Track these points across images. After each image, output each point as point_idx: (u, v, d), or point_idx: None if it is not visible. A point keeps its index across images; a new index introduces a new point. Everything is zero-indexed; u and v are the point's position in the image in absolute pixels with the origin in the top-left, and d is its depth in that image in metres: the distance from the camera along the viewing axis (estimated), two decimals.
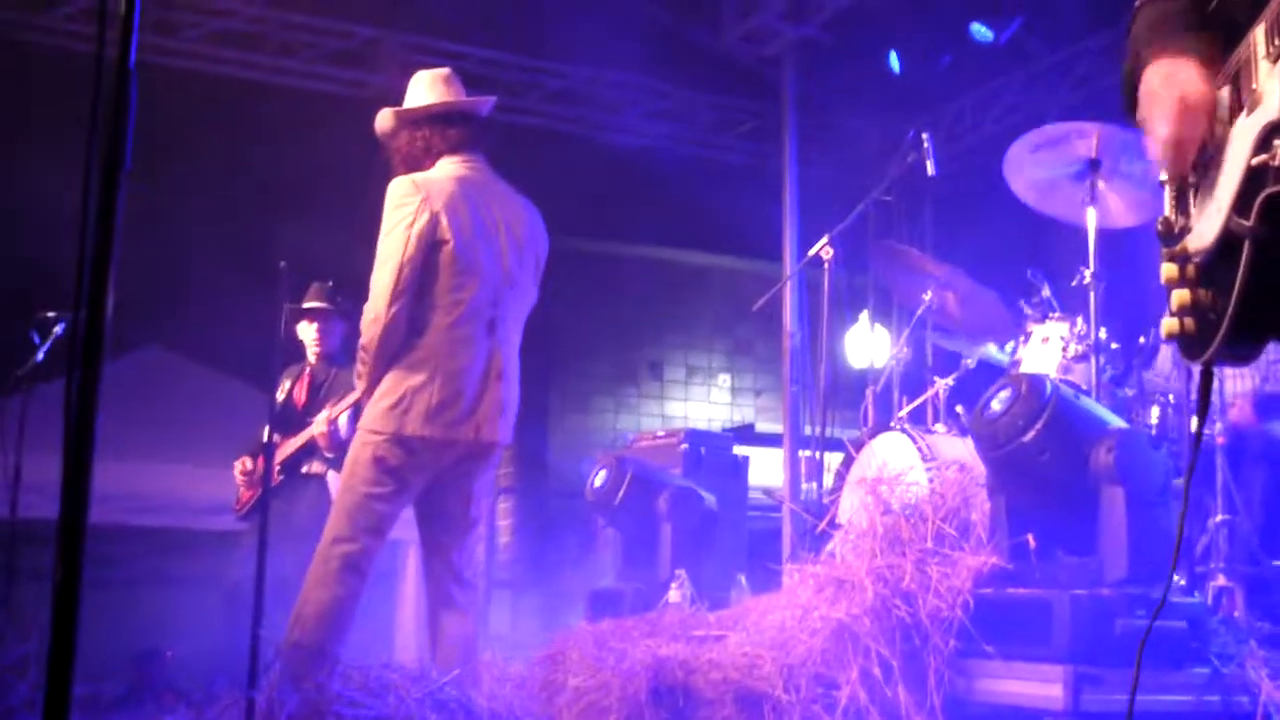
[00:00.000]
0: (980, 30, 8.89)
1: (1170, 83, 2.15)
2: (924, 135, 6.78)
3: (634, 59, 10.53)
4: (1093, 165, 5.85)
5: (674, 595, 6.11)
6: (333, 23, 9.94)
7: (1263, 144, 1.94)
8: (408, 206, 4.77)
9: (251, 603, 4.79)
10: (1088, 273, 5.72)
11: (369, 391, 4.83)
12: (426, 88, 5.10)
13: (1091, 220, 5.82)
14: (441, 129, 5.01)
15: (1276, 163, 1.90)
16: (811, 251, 6.83)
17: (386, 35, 10.05)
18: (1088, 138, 5.82)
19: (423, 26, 10.02)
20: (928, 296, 6.63)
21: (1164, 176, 2.29)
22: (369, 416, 4.82)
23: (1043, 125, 6.11)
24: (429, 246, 4.77)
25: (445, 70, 5.20)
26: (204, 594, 7.25)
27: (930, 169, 6.68)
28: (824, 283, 6.79)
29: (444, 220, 4.78)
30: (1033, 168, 6.06)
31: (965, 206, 10.36)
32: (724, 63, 10.62)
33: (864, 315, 10.33)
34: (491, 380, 4.87)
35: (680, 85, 11.19)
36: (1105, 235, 5.92)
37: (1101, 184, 5.91)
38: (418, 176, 4.88)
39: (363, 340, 4.83)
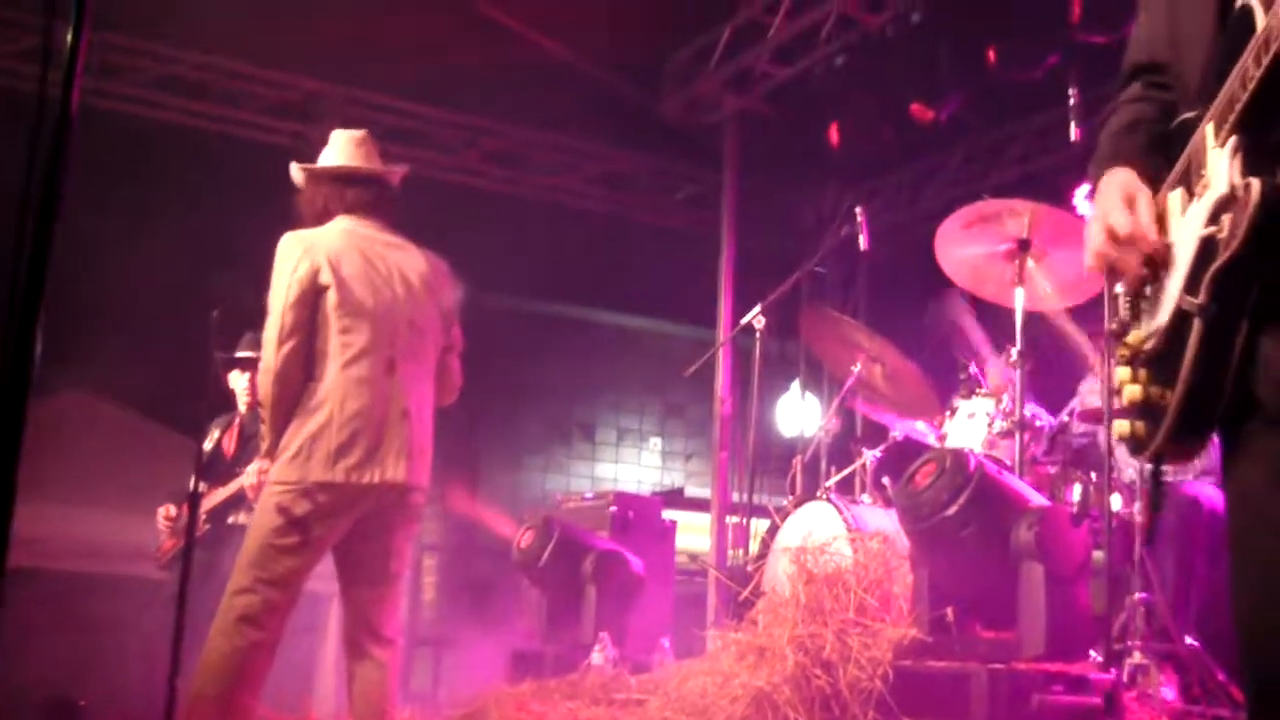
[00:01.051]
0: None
1: (1119, 209, 2.22)
2: (858, 209, 6.87)
3: (575, 122, 10.62)
4: (1023, 245, 5.94)
5: (597, 658, 6.11)
6: (277, 74, 9.96)
7: (1213, 219, 2.00)
8: (289, 259, 4.83)
9: (169, 652, 4.74)
10: (1014, 351, 5.81)
11: (274, 445, 4.81)
12: (337, 148, 5.17)
13: (1019, 300, 5.90)
14: (340, 190, 5.07)
15: (1224, 235, 1.95)
16: (744, 320, 6.89)
17: (330, 89, 10.08)
18: (1019, 216, 5.91)
19: (366, 81, 10.06)
20: (857, 368, 6.70)
21: (1120, 288, 2.36)
22: (274, 468, 4.81)
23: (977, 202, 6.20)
24: (312, 294, 4.81)
25: (360, 133, 5.25)
26: (121, 642, 7.14)
27: (863, 242, 6.77)
28: (755, 351, 6.85)
29: (325, 267, 4.83)
30: (964, 245, 6.14)
31: (898, 281, 10.48)
32: (665, 129, 10.72)
33: (795, 384, 10.42)
34: (394, 421, 4.85)
35: (621, 150, 11.29)
36: (1034, 314, 6.02)
37: (1031, 264, 6.00)
38: (303, 232, 4.95)
39: (260, 395, 4.86)
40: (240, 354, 6.95)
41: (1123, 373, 2.20)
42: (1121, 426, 2.21)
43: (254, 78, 9.94)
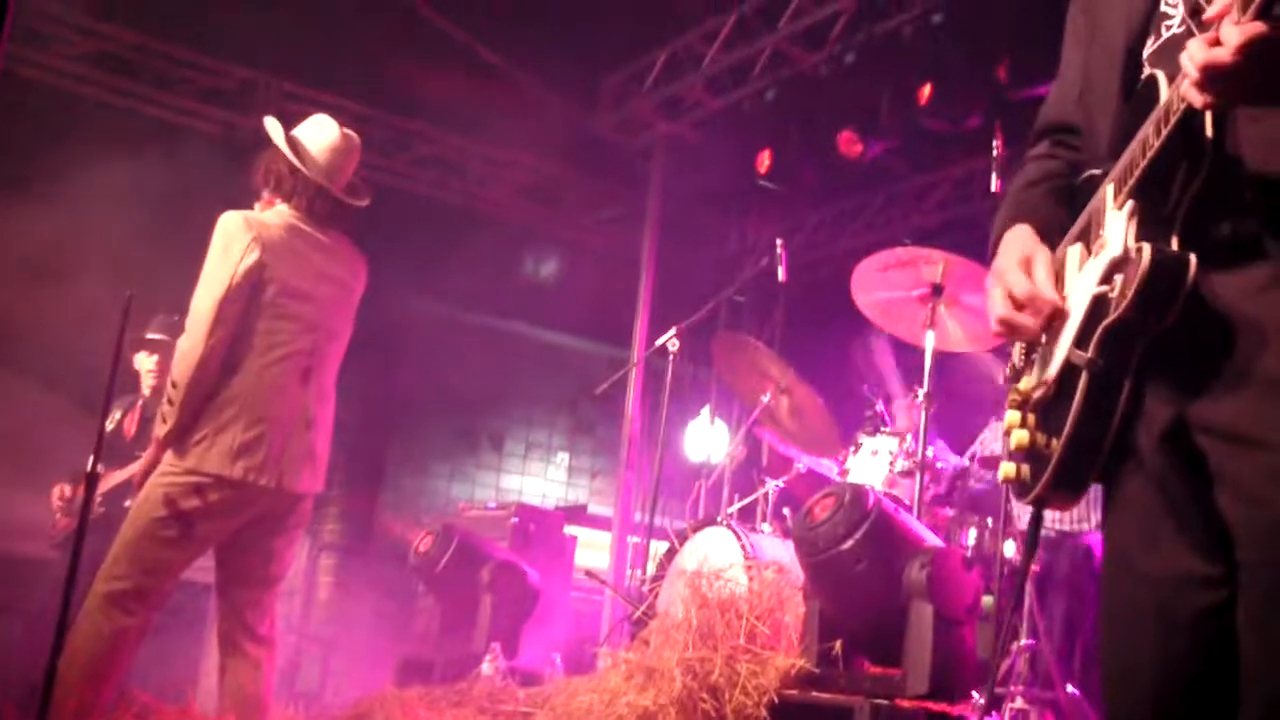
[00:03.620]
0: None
1: (1016, 272, 2.29)
2: (779, 241, 6.94)
3: (505, 133, 10.61)
4: (936, 290, 6.05)
5: (487, 668, 6.09)
6: (210, 60, 9.84)
7: (1106, 278, 2.08)
8: (238, 242, 4.71)
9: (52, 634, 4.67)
10: (921, 392, 5.90)
11: (176, 428, 4.70)
12: (323, 147, 5.02)
13: (929, 343, 6.01)
14: (305, 196, 4.97)
15: (1114, 294, 2.03)
16: (659, 341, 6.93)
17: (264, 79, 9.98)
18: (934, 264, 6.03)
19: (301, 75, 9.97)
20: (766, 398, 6.76)
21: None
22: (168, 454, 4.72)
23: (896, 244, 6.32)
24: (253, 286, 4.71)
25: (354, 141, 5.11)
26: (3, 622, 7.03)
27: (781, 275, 6.84)
28: (668, 374, 6.89)
29: (271, 264, 4.75)
30: (879, 286, 6.25)
31: (814, 315, 10.58)
32: (594, 148, 10.76)
33: (705, 410, 10.47)
34: (299, 429, 4.81)
35: (548, 164, 11.30)
36: (943, 360, 6.12)
37: (943, 309, 6.12)
38: (250, 215, 4.83)
39: (174, 374, 4.69)
40: (150, 335, 6.88)
41: (1012, 417, 2.27)
42: (1007, 469, 2.27)
43: (186, 62, 9.81)
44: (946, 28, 8.18)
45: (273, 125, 5.02)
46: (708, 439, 10.35)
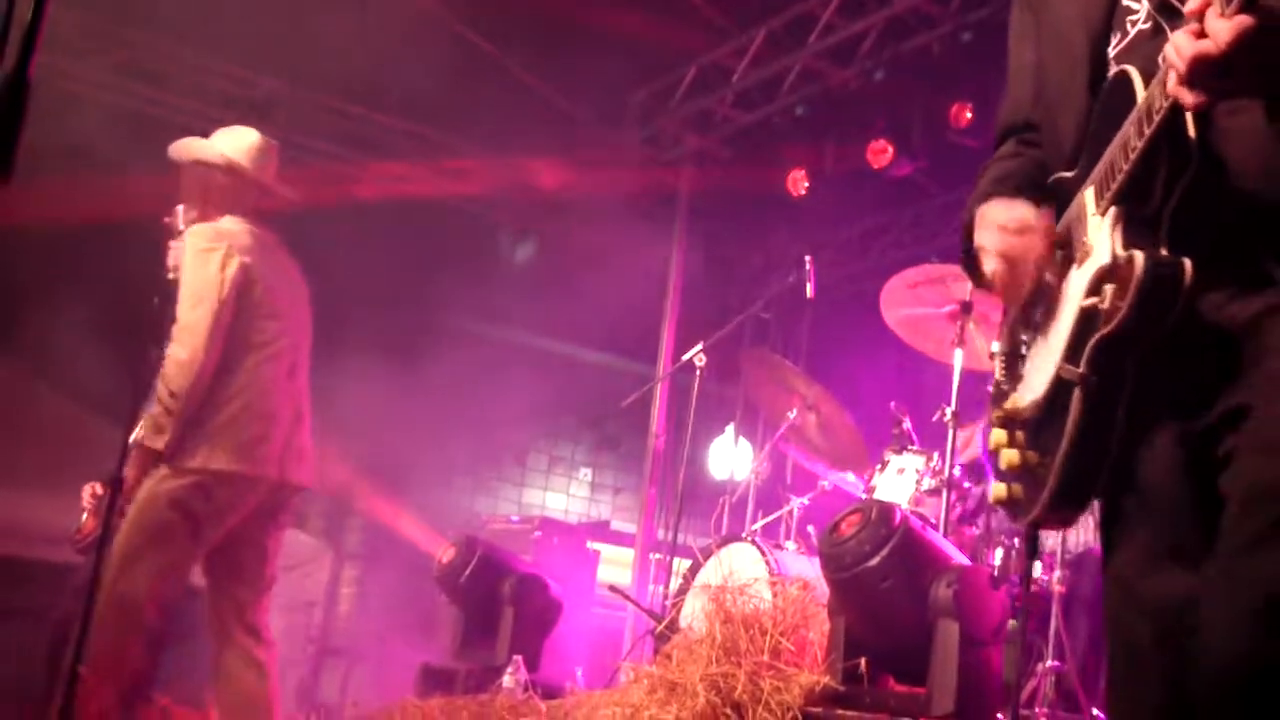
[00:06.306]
0: None
1: (1006, 209, 2.23)
2: (807, 258, 6.92)
3: (530, 147, 10.59)
4: (965, 308, 6.03)
5: (508, 680, 6.07)
6: (236, 70, 9.86)
7: (1094, 289, 1.99)
8: (216, 251, 4.82)
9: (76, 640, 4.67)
10: (948, 410, 5.86)
11: (174, 440, 4.73)
12: (249, 151, 5.11)
13: (958, 361, 5.97)
14: (254, 199, 5.08)
15: (1105, 305, 1.94)
16: (685, 357, 6.91)
17: (289, 89, 9.98)
18: (963, 281, 5.99)
19: (325, 86, 9.97)
20: (792, 414, 6.73)
21: (996, 347, 2.35)
22: (172, 454, 4.73)
23: (924, 262, 6.29)
24: (239, 290, 4.82)
25: (273, 143, 5.23)
26: (29, 628, 7.02)
27: (809, 291, 6.81)
28: (694, 389, 6.86)
29: (253, 265, 4.84)
30: (908, 303, 6.23)
31: (840, 332, 10.56)
32: (621, 163, 10.74)
33: (730, 428, 10.44)
34: (293, 423, 4.92)
35: (574, 179, 11.28)
36: (971, 377, 6.09)
37: (972, 327, 6.08)
38: (220, 225, 4.92)
39: (172, 385, 4.70)
40: None
41: (999, 435, 2.17)
42: (998, 491, 2.17)
43: (213, 72, 9.83)
44: (975, 45, 8.16)
45: (191, 142, 5.12)
46: (732, 457, 10.32)
